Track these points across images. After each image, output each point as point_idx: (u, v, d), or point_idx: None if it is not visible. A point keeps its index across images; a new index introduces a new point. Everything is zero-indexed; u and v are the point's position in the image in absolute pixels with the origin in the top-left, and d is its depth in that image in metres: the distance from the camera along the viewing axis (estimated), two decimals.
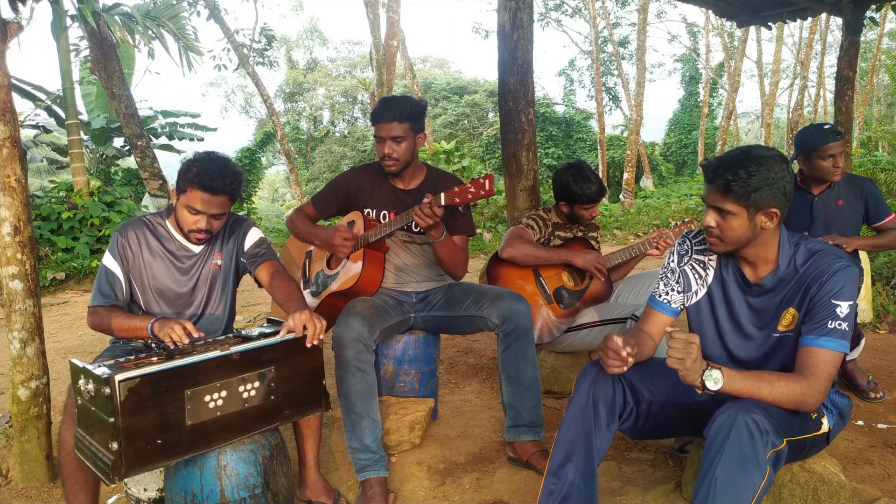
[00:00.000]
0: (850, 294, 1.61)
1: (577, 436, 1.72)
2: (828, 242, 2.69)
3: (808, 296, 1.64)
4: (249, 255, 2.23)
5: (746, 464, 1.45)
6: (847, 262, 1.64)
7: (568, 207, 2.91)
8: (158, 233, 2.17)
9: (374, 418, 2.21)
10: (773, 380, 1.55)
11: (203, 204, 2.03)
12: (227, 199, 2.06)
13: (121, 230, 2.15)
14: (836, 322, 1.59)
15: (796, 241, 1.72)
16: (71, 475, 1.91)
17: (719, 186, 1.60)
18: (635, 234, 10.69)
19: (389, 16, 11.84)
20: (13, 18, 2.62)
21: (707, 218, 1.67)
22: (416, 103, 2.44)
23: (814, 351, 1.60)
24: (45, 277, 7.19)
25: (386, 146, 2.41)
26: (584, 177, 2.82)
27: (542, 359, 3.07)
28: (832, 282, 1.61)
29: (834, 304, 1.60)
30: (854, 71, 5.67)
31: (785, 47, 20.87)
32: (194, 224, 2.06)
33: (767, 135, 17.76)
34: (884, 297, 4.41)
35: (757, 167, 1.57)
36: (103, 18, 7.56)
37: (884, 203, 2.92)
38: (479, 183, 2.17)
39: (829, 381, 1.59)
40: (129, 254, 2.12)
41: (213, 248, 2.21)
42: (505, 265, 2.85)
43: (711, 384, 1.50)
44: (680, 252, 1.90)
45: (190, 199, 2.03)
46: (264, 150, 19.52)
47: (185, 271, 2.17)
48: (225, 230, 2.24)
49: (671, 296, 1.88)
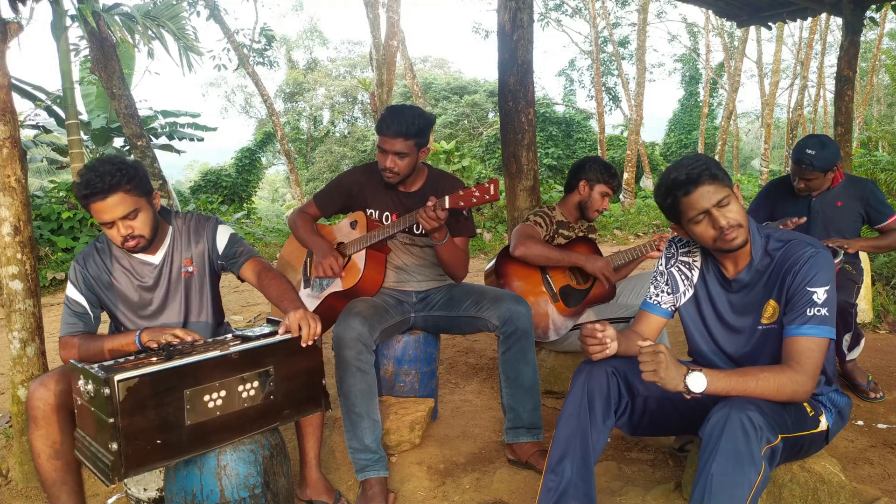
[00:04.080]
0: (826, 279, 1.62)
1: (573, 432, 1.73)
2: (826, 245, 2.71)
3: (785, 286, 1.67)
4: (226, 255, 2.14)
5: (741, 460, 1.46)
6: (818, 248, 1.66)
7: (588, 189, 2.91)
8: (113, 254, 2.08)
9: (374, 418, 2.21)
10: (756, 373, 1.56)
11: (104, 212, 1.89)
12: (122, 196, 1.89)
13: (77, 259, 2.07)
14: (814, 309, 1.60)
15: (766, 232, 1.75)
16: (48, 477, 1.87)
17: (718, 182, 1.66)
18: (635, 234, 10.69)
19: (389, 16, 11.84)
20: (13, 18, 2.62)
21: (723, 216, 1.65)
22: (425, 119, 2.37)
23: (796, 340, 1.61)
24: (45, 277, 7.19)
25: (388, 160, 2.38)
26: (612, 166, 2.97)
27: (542, 359, 3.07)
28: (805, 269, 1.63)
29: (810, 292, 1.61)
30: (854, 71, 5.67)
31: (785, 47, 20.88)
32: (117, 235, 1.93)
33: (767, 135, 17.75)
34: (884, 297, 4.41)
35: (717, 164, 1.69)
36: (103, 18, 7.56)
37: (885, 204, 2.92)
38: (484, 187, 2.15)
39: (817, 368, 1.60)
40: (90, 282, 2.05)
41: (175, 254, 2.11)
42: (514, 262, 2.85)
43: (694, 387, 1.51)
44: (667, 255, 1.95)
45: (94, 214, 1.91)
46: (264, 150, 19.55)
47: (150, 285, 2.09)
48: (189, 232, 2.13)
49: (661, 297, 1.92)
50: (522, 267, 2.84)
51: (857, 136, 17.12)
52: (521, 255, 2.75)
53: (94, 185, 1.85)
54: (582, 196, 2.93)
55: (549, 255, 2.76)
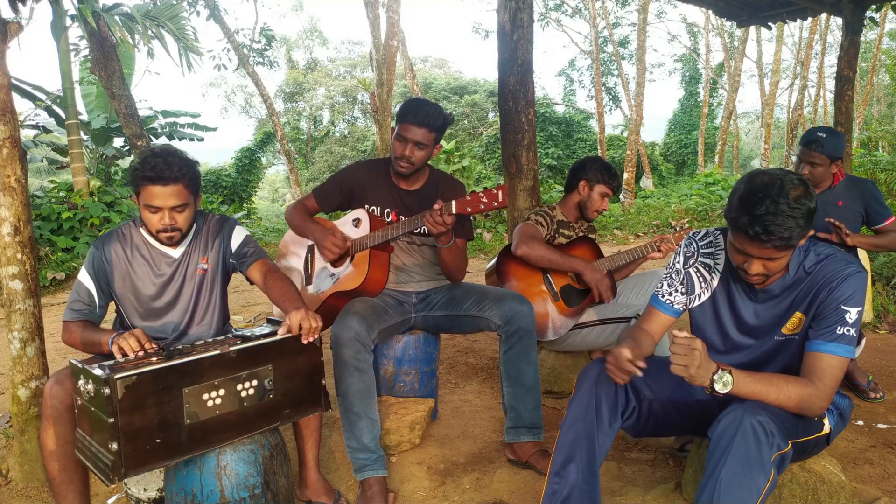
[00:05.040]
0: (860, 300, 1.60)
1: (579, 436, 1.72)
2: (832, 223, 2.73)
3: (818, 300, 1.63)
4: (238, 254, 2.18)
5: (752, 466, 1.45)
6: (857, 268, 1.62)
7: (587, 189, 2.92)
8: (134, 242, 2.10)
9: (372, 418, 2.21)
10: (781, 384, 1.54)
11: (159, 198, 1.95)
12: (181, 188, 1.97)
13: (97, 244, 2.09)
14: (844, 328, 1.58)
15: (806, 246, 1.69)
16: (56, 476, 1.89)
17: (775, 245, 1.50)
18: (635, 234, 10.69)
19: (389, 16, 11.84)
20: (13, 18, 2.62)
21: (753, 267, 1.58)
22: (447, 117, 2.44)
23: (822, 356, 1.59)
24: (45, 277, 7.19)
25: (407, 148, 2.39)
26: (612, 166, 2.98)
27: (542, 359, 3.07)
28: (843, 287, 1.60)
29: (843, 311, 1.59)
30: (854, 71, 5.67)
31: (785, 47, 20.90)
32: (159, 223, 1.99)
33: (767, 135, 17.76)
34: (884, 297, 4.41)
35: (800, 210, 1.47)
36: (103, 18, 7.55)
37: (884, 206, 2.93)
38: (492, 194, 2.12)
39: (836, 386, 1.59)
40: (106, 268, 2.07)
41: (195, 251, 2.15)
42: (515, 261, 2.85)
43: (720, 387, 1.49)
44: (686, 254, 1.87)
45: (146, 197, 1.96)
46: (264, 150, 19.52)
47: (166, 279, 2.11)
48: (208, 231, 2.18)
49: (674, 296, 1.86)
50: (523, 266, 2.84)
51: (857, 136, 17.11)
52: (523, 254, 2.74)
53: (161, 171, 1.92)
54: (581, 196, 2.93)
55: (551, 258, 2.75)
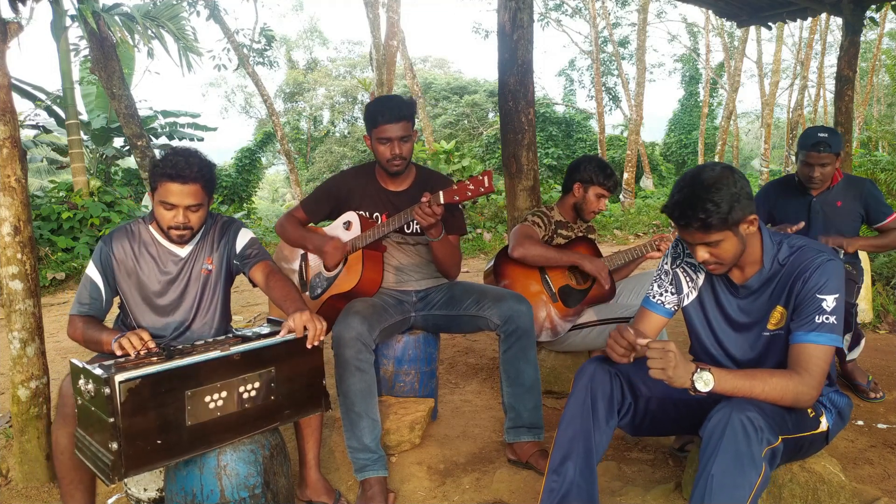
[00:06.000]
0: (836, 287, 1.61)
1: (576, 433, 1.73)
2: (826, 243, 2.71)
3: (794, 292, 1.65)
4: (242, 256, 2.19)
5: (742, 461, 1.46)
6: (829, 256, 1.65)
7: (582, 191, 2.90)
8: (142, 238, 2.12)
9: (373, 418, 2.21)
10: (765, 377, 1.56)
11: (175, 195, 1.96)
12: (198, 188, 1.99)
13: (105, 239, 2.10)
14: (823, 316, 1.60)
15: (779, 239, 1.73)
16: (66, 475, 1.90)
17: (697, 227, 1.59)
18: (635, 234, 10.69)
19: (389, 16, 11.84)
20: (13, 18, 2.62)
21: (699, 254, 1.66)
22: (412, 101, 2.47)
23: (804, 347, 1.61)
24: (45, 277, 7.19)
25: (395, 147, 2.40)
26: (608, 165, 2.93)
27: (542, 359, 3.07)
28: (816, 276, 1.62)
29: (819, 299, 1.61)
30: (854, 71, 5.67)
31: (785, 47, 20.89)
32: (172, 220, 2.00)
33: (767, 135, 17.76)
34: (884, 297, 4.41)
35: (717, 192, 1.56)
36: (103, 18, 7.55)
37: (884, 203, 2.93)
38: (478, 180, 2.16)
39: (823, 375, 1.60)
40: (113, 263, 2.08)
41: (202, 251, 2.16)
42: (512, 262, 2.85)
43: (702, 386, 1.50)
44: (673, 255, 1.93)
45: (162, 193, 1.97)
46: (264, 150, 19.52)
47: (172, 277, 2.12)
48: (215, 232, 2.19)
49: (665, 297, 1.90)
50: (521, 267, 2.84)
51: (857, 136, 17.12)
52: (519, 255, 2.74)
53: (182, 169, 1.95)
54: (577, 198, 2.93)
55: (548, 256, 2.76)
